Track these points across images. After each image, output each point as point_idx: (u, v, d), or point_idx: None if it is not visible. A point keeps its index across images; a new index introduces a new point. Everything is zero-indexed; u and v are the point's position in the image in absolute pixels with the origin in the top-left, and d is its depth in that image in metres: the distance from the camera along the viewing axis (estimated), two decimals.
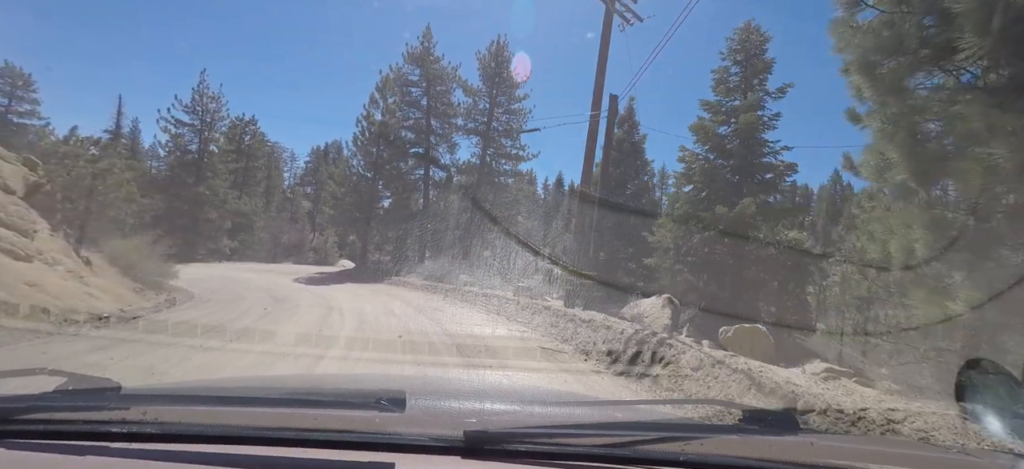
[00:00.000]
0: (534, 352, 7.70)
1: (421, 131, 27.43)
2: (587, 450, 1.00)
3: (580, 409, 1.48)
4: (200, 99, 33.78)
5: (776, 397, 4.40)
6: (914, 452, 1.59)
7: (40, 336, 6.34)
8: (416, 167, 28.25)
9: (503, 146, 30.09)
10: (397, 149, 25.66)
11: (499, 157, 29.95)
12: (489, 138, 29.53)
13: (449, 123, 27.91)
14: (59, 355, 5.53)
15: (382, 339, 8.07)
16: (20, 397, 1.07)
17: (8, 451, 0.91)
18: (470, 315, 12.44)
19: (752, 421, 1.23)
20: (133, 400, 1.07)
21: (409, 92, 27.72)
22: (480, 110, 29.54)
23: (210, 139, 34.29)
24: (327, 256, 33.95)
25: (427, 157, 26.96)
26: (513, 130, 29.84)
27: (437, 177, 28.36)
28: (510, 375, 6.18)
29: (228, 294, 14.43)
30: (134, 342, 6.57)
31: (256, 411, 1.10)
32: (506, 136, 29.56)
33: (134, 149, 39.67)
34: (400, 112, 25.67)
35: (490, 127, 29.62)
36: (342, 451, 0.93)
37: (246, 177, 39.48)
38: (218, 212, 33.27)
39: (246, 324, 8.91)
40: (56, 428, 0.99)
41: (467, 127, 29.21)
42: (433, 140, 27.91)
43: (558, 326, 9.65)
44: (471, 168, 29.01)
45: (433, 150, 27.83)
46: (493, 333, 9.85)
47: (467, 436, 0.97)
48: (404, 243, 26.88)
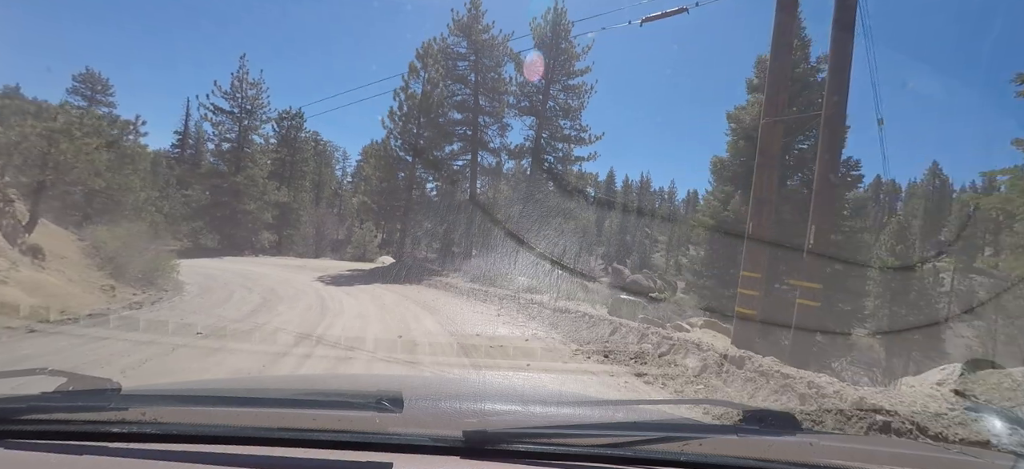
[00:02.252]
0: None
1: (468, 110, 23.97)
2: (587, 450, 1.00)
3: (581, 409, 1.47)
4: (239, 85, 32.13)
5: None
6: (914, 452, 1.57)
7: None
8: (463, 152, 24.83)
9: (560, 128, 26.19)
10: (440, 129, 22.22)
11: (555, 140, 26.08)
12: (544, 118, 25.75)
13: (499, 101, 24.27)
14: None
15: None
16: (20, 397, 1.06)
17: (8, 451, 0.91)
18: (576, 367, 6.55)
19: (753, 421, 1.22)
20: (133, 400, 1.07)
21: (455, 66, 24.35)
22: (535, 87, 25.82)
23: (250, 128, 32.61)
24: (366, 252, 31.31)
25: (475, 139, 23.46)
26: (572, 108, 25.89)
27: (486, 163, 24.82)
28: (511, 375, 5.78)
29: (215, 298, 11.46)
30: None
31: (255, 411, 1.09)
32: (565, 116, 25.63)
33: (198, 150, 40.08)
34: (444, 85, 22.16)
35: (545, 106, 25.84)
36: (341, 451, 0.93)
37: (292, 171, 38.22)
38: (256, 203, 31.48)
39: (181, 359, 5.74)
40: (56, 428, 0.99)
41: (520, 106, 25.54)
42: (483, 121, 24.39)
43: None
44: (523, 151, 25.31)
45: (482, 132, 24.31)
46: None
47: (466, 436, 0.96)
48: (448, 238, 23.62)
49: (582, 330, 8.40)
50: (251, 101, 32.63)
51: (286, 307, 9.92)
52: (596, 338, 7.80)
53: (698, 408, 3.55)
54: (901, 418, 3.47)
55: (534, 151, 25.44)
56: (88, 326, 6.82)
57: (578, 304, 10.27)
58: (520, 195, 23.86)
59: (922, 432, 3.32)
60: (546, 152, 25.83)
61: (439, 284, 16.29)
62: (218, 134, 32.00)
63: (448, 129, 22.87)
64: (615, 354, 6.84)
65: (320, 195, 47.64)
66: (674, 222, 62.19)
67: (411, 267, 19.91)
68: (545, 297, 11.46)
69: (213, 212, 31.17)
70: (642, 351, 6.82)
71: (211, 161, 32.09)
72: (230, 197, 30.77)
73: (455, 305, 12.32)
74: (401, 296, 13.53)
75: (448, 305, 12.20)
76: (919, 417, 3.50)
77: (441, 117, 21.59)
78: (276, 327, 7.58)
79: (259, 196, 31.63)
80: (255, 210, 31.47)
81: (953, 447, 2.59)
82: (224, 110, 31.77)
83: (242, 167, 31.50)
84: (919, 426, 3.40)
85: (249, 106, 32.59)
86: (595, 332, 8.09)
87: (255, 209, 31.46)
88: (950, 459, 1.26)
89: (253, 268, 19.36)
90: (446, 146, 23.29)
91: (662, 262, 60.45)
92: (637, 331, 7.46)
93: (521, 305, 11.50)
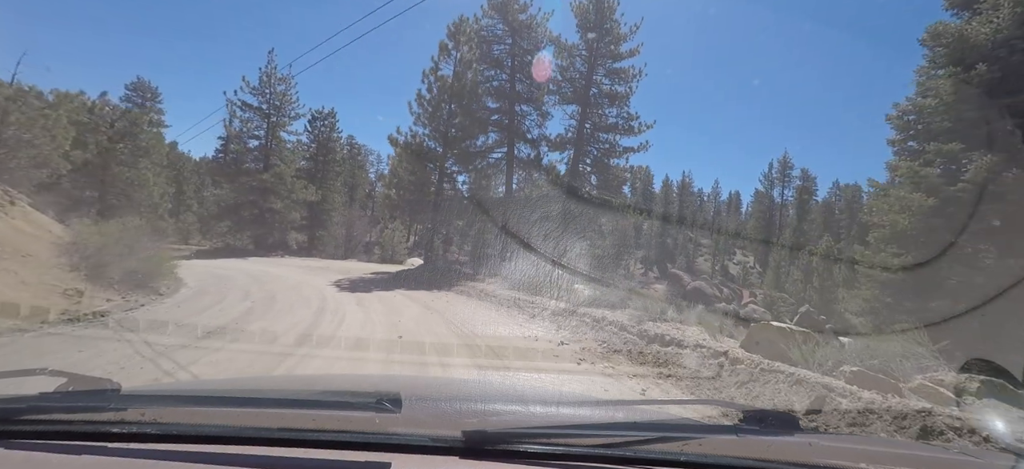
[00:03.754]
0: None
1: (504, 96, 21.74)
2: (587, 450, 0.99)
3: (581, 409, 1.47)
4: (268, 81, 31.06)
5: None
6: (914, 452, 1.56)
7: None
8: (499, 144, 22.61)
9: (605, 117, 23.68)
10: (473, 116, 20.02)
11: (599, 130, 23.56)
12: (588, 106, 23.29)
13: (538, 86, 21.94)
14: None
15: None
16: (20, 397, 1.06)
17: (8, 451, 0.91)
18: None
19: (752, 421, 1.18)
20: (132, 401, 1.07)
21: (490, 50, 22.21)
22: (578, 72, 23.41)
23: (278, 124, 31.50)
24: (394, 253, 29.51)
25: (511, 128, 21.20)
26: (618, 95, 23.33)
27: (523, 155, 22.53)
28: (511, 375, 5.47)
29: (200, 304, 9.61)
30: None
31: (254, 412, 1.09)
32: (611, 103, 23.11)
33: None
34: (477, 69, 19.93)
35: (588, 93, 23.39)
36: (340, 451, 0.93)
37: (325, 171, 37.34)
38: (284, 202, 30.29)
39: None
40: (56, 428, 0.99)
41: (563, 93, 23.17)
42: (520, 109, 22.12)
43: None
44: (564, 141, 22.90)
45: (519, 121, 22.04)
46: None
47: (466, 436, 0.96)
48: (482, 238, 21.48)
49: (761, 390, 4.81)
50: (280, 97, 31.55)
51: (269, 321, 7.88)
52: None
53: (699, 408, 3.26)
54: (902, 417, 3.34)
55: (577, 142, 23.01)
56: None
57: (679, 328, 7.51)
58: (562, 190, 21.49)
59: (922, 431, 3.21)
60: (590, 143, 23.38)
61: (473, 291, 14.02)
62: (246, 131, 31.00)
63: (482, 116, 20.62)
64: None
65: (353, 197, 46.82)
66: (721, 229, 58.22)
67: (441, 270, 17.83)
68: (620, 315, 8.69)
69: (240, 212, 30.18)
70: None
71: (232, 157, 31.01)
72: (257, 195, 29.69)
73: (498, 323, 9.63)
74: (425, 307, 11.11)
75: (488, 322, 9.58)
76: (919, 416, 3.37)
77: (474, 103, 19.32)
78: (232, 354, 5.52)
79: (287, 194, 30.46)
80: (283, 209, 30.29)
81: (953, 446, 2.56)
82: (252, 106, 30.78)
83: (270, 165, 30.44)
84: (919, 425, 3.27)
85: (278, 102, 31.52)
86: (787, 396, 4.56)
87: (283, 208, 30.29)
88: (950, 459, 1.30)
89: (271, 269, 17.74)
90: (479, 137, 21.07)
91: (707, 267, 56.71)
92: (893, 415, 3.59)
93: (592, 325, 8.56)
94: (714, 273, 52.59)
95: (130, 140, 17.57)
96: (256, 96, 30.87)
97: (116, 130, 17.18)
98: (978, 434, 2.90)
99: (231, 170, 31.16)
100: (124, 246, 11.08)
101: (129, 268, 10.45)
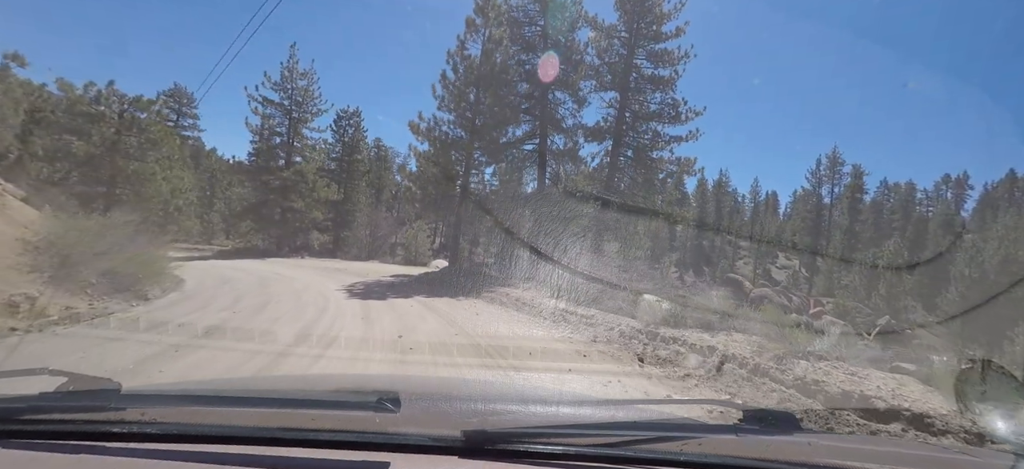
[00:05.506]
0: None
1: (536, 82, 19.79)
2: (587, 450, 0.99)
3: (581, 409, 1.46)
4: (289, 76, 29.99)
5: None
6: (914, 452, 1.56)
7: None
8: (531, 136, 20.66)
9: (647, 103, 21.49)
10: (504, 102, 18.08)
11: (640, 119, 21.36)
12: (628, 91, 21.15)
13: (574, 69, 19.93)
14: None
15: None
16: (20, 397, 1.06)
17: (8, 451, 0.91)
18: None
19: (752, 421, 1.19)
20: (132, 400, 1.07)
21: (521, 32, 20.32)
22: (618, 55, 21.30)
23: (300, 120, 30.40)
24: (417, 255, 27.85)
25: (544, 115, 19.23)
26: (662, 79, 21.11)
27: (557, 146, 20.54)
28: (511, 375, 5.19)
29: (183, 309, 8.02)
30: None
31: (254, 411, 1.09)
32: (654, 87, 20.91)
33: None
34: (508, 48, 17.96)
35: (628, 78, 21.24)
36: (339, 451, 0.93)
37: (349, 171, 36.37)
38: (305, 201, 29.14)
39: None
40: (56, 428, 0.99)
41: (601, 77, 21.09)
42: (553, 96, 20.13)
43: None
44: (602, 130, 20.79)
45: (552, 108, 20.07)
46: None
47: (466, 436, 0.95)
48: (512, 238, 19.61)
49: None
50: (301, 92, 30.45)
51: (236, 341, 6.11)
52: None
53: (699, 408, 3.15)
54: (902, 416, 3.35)
55: (615, 131, 20.89)
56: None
57: (858, 376, 5.04)
58: (600, 185, 19.43)
59: (923, 430, 3.16)
60: (630, 133, 21.21)
61: (506, 298, 11.99)
62: (268, 128, 30.00)
63: (512, 102, 18.64)
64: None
65: (379, 199, 45.90)
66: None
67: (468, 274, 15.99)
68: (741, 345, 6.27)
69: (261, 211, 29.19)
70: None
71: (258, 156, 29.97)
72: (278, 194, 28.62)
73: (556, 353, 6.81)
74: (447, 320, 8.83)
75: (536, 349, 6.81)
76: (920, 415, 3.33)
77: (503, 87, 17.32)
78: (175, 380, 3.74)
79: (308, 193, 29.33)
80: (304, 208, 29.16)
81: (953, 445, 2.55)
82: (273, 102, 29.76)
83: (291, 162, 29.39)
84: (920, 424, 3.22)
85: (300, 98, 30.43)
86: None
87: (304, 207, 29.15)
88: (950, 458, 1.28)
89: (285, 271, 16.32)
90: (510, 126, 19.11)
91: (749, 271, 53.37)
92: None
93: (702, 360, 6.10)
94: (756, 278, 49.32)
95: (137, 131, 16.40)
96: (277, 91, 29.88)
97: (124, 121, 16.07)
98: (978, 434, 2.82)
99: (251, 167, 30.29)
100: (108, 243, 9.69)
101: (108, 269, 9.00)
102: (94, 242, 9.38)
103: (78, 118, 14.97)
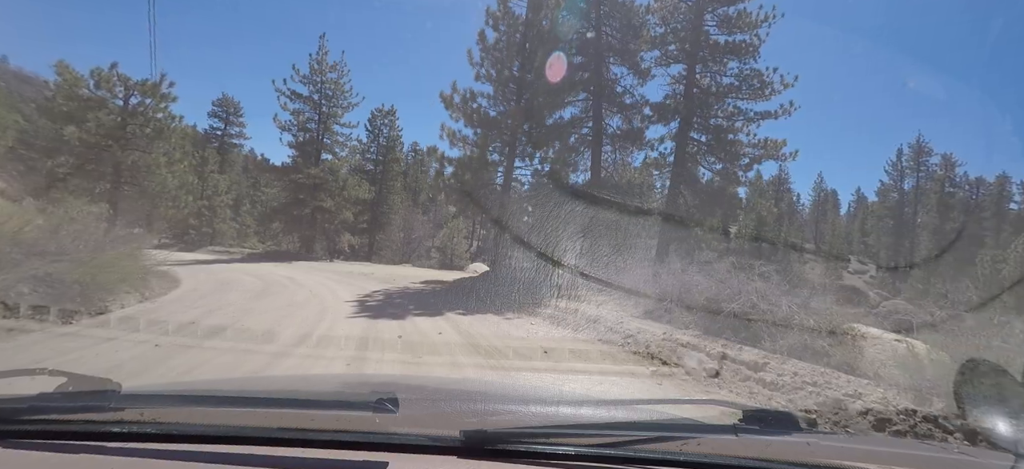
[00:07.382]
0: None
1: (589, 53, 16.77)
2: (587, 450, 0.98)
3: (581, 409, 1.43)
4: (319, 69, 28.25)
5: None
6: (913, 452, 1.52)
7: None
8: (585, 119, 17.64)
9: (721, 74, 18.08)
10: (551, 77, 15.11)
11: (712, 94, 17.97)
12: (698, 60, 17.83)
13: (635, 36, 16.80)
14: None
15: None
16: (20, 397, 1.04)
17: (8, 451, 0.90)
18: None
19: (752, 421, 1.16)
20: (132, 400, 1.06)
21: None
22: (686, 20, 18.02)
23: (330, 115, 28.60)
24: (454, 257, 25.28)
25: (599, 91, 16.19)
26: (739, 47, 17.65)
27: (613, 128, 17.45)
28: (511, 375, 5.04)
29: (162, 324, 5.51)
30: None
31: (254, 411, 1.08)
32: (732, 54, 17.49)
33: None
34: (557, 13, 14.93)
35: (698, 45, 17.91)
36: (338, 451, 0.93)
37: (384, 171, 34.69)
38: (335, 200, 27.26)
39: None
40: (56, 428, 0.98)
41: (668, 50, 17.86)
42: (611, 69, 17.07)
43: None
44: (667, 108, 17.51)
45: (608, 84, 17.00)
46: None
47: (465, 436, 0.95)
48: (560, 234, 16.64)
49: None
50: (331, 85, 28.64)
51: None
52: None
53: (699, 408, 2.98)
54: (902, 417, 3.34)
55: (684, 110, 17.60)
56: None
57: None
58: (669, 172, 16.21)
59: (923, 431, 3.23)
60: (702, 110, 17.87)
61: (579, 319, 8.62)
62: (297, 124, 28.29)
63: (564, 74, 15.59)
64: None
65: (416, 201, 44.25)
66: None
67: (513, 280, 13.12)
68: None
69: (290, 211, 27.52)
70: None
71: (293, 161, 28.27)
72: (307, 193, 26.85)
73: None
74: (493, 362, 5.67)
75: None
76: (920, 416, 3.38)
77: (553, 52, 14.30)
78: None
79: (338, 191, 27.46)
80: (334, 207, 27.28)
81: (953, 446, 2.49)
82: (302, 96, 28.06)
83: (320, 159, 27.61)
84: (920, 425, 3.28)
85: (330, 91, 28.63)
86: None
87: (334, 207, 27.27)
88: (950, 459, 1.26)
89: (298, 275, 14.08)
90: (565, 104, 16.05)
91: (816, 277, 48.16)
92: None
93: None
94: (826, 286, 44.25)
95: (142, 119, 14.61)
96: (306, 85, 28.18)
97: (128, 108, 14.36)
98: (978, 434, 2.86)
99: (280, 167, 28.74)
100: (70, 241, 7.60)
101: (56, 272, 6.80)
102: (43, 239, 7.28)
103: (73, 103, 13.33)
